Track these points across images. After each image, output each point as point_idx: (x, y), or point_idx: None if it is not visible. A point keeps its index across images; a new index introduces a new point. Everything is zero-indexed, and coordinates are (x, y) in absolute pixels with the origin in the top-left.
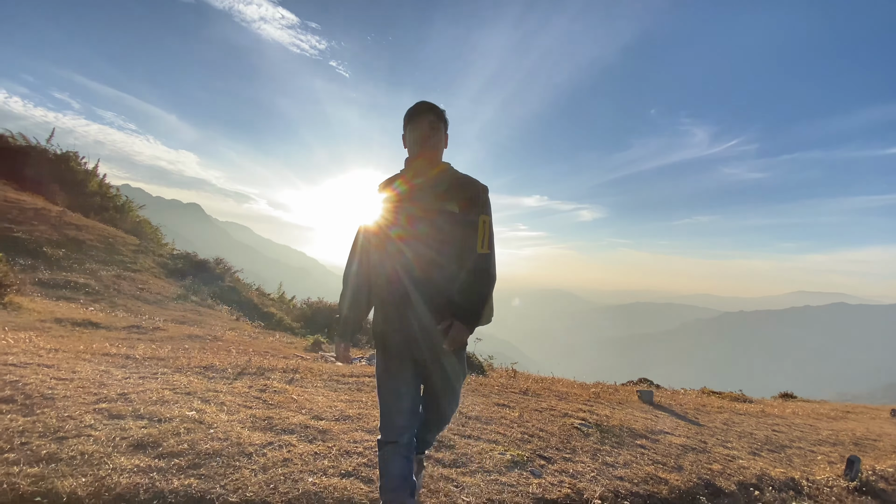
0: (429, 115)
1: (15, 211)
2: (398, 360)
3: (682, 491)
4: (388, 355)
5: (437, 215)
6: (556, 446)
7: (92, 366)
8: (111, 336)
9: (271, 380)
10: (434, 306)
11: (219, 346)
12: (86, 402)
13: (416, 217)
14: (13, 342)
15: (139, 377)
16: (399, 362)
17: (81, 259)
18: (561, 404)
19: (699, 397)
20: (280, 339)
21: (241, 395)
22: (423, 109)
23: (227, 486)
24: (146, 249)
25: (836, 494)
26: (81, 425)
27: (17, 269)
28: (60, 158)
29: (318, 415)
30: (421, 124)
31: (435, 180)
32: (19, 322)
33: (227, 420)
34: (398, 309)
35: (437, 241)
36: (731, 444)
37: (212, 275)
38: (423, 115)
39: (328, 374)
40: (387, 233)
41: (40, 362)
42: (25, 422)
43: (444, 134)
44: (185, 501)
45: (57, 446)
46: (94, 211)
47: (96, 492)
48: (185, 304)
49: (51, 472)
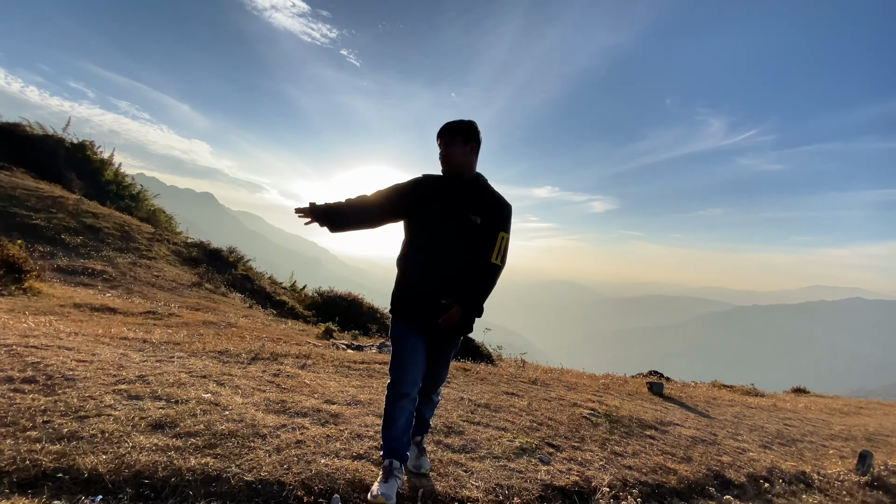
0: (443, 136)
1: (34, 199)
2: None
3: (690, 481)
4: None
5: (462, 221)
6: (564, 435)
7: (110, 349)
8: (128, 321)
9: (284, 365)
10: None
11: (233, 332)
12: (105, 383)
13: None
14: (34, 325)
15: (156, 360)
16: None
17: (98, 246)
18: (570, 394)
19: (710, 390)
20: (292, 327)
21: (255, 379)
22: (440, 131)
23: (242, 466)
24: (161, 238)
25: (847, 489)
26: (101, 405)
27: (36, 256)
28: (77, 147)
29: (329, 399)
30: (439, 144)
31: (463, 190)
32: (39, 307)
33: (241, 402)
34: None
35: (459, 241)
36: (741, 436)
37: (225, 263)
38: (440, 136)
39: (340, 360)
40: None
41: (61, 345)
42: (47, 401)
43: (461, 148)
44: (202, 479)
45: (78, 425)
46: (109, 199)
47: (116, 469)
48: (200, 291)
49: (72, 449)
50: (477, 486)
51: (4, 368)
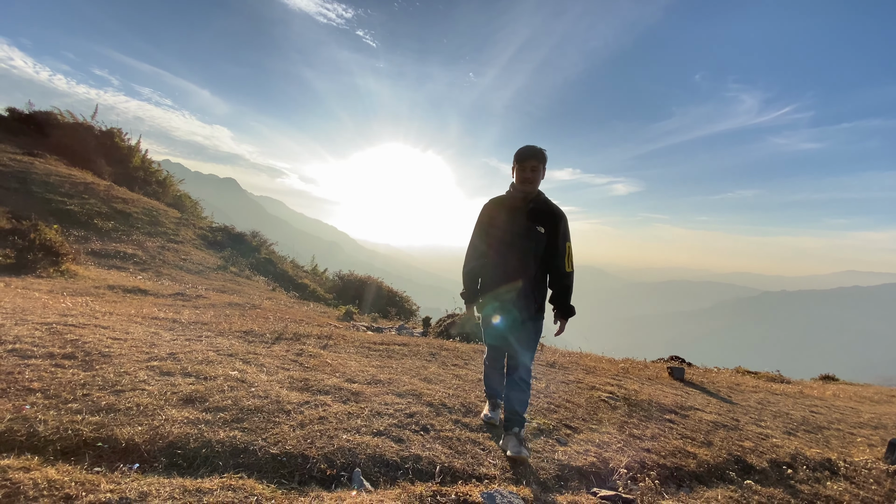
0: (532, 161)
1: (67, 185)
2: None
3: (710, 465)
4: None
5: (529, 232)
6: (582, 417)
7: (143, 328)
8: (159, 302)
9: (307, 345)
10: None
11: (257, 313)
12: (139, 359)
13: (515, 232)
14: (72, 305)
15: (185, 339)
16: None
17: (129, 231)
18: (588, 378)
19: (733, 376)
20: (314, 309)
21: (279, 358)
22: (528, 156)
23: (268, 440)
24: (187, 222)
25: (875, 477)
26: (136, 380)
27: (71, 240)
28: (105, 135)
29: (350, 378)
30: (525, 168)
31: (530, 207)
32: (76, 288)
33: (266, 380)
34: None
35: (527, 250)
36: (764, 422)
37: (248, 247)
38: (528, 160)
39: (360, 341)
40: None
41: (97, 324)
42: (86, 376)
43: (542, 173)
44: (230, 451)
45: (115, 398)
46: (138, 185)
47: (151, 439)
48: (225, 274)
49: (110, 420)
50: (494, 465)
51: (46, 345)
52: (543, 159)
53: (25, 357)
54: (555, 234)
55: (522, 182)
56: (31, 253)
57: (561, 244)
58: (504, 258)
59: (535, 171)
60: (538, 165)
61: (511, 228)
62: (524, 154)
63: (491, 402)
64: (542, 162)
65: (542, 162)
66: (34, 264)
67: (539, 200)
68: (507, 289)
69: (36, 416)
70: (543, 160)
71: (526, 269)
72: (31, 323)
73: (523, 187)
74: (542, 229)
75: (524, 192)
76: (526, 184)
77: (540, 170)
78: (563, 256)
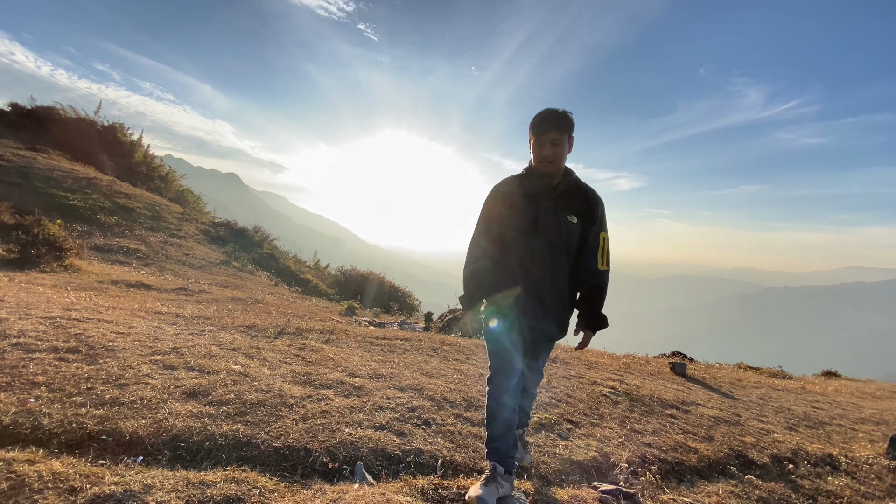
0: (552, 133)
1: (70, 180)
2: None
3: (711, 460)
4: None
5: (558, 225)
6: (583, 412)
7: (146, 322)
8: (162, 297)
9: (309, 339)
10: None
11: (260, 308)
12: (142, 353)
13: (539, 226)
14: (76, 300)
15: (188, 334)
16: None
17: (132, 226)
18: (590, 373)
19: (735, 372)
20: (316, 304)
21: (282, 353)
22: (547, 124)
23: (270, 433)
24: (189, 217)
25: (876, 472)
26: (140, 374)
27: (74, 235)
28: (107, 130)
29: (353, 372)
30: (544, 142)
31: (556, 190)
32: (80, 282)
33: (269, 374)
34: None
35: (557, 248)
36: (766, 418)
37: (251, 242)
38: (548, 132)
39: (362, 336)
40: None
41: (100, 318)
42: (90, 369)
43: (568, 145)
44: (233, 444)
45: (119, 392)
46: (140, 180)
47: (155, 432)
48: (228, 269)
49: (114, 413)
50: None
51: (50, 339)
52: (568, 126)
53: (30, 351)
54: (589, 225)
55: (542, 161)
56: (35, 248)
57: (595, 234)
58: (524, 261)
59: (558, 144)
60: (560, 137)
61: (533, 221)
62: (542, 122)
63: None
64: (567, 130)
65: (565, 131)
66: (38, 259)
67: (569, 182)
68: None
69: (40, 410)
70: (569, 127)
71: (555, 275)
72: (35, 317)
73: (544, 168)
74: (574, 219)
75: (547, 174)
76: (546, 163)
77: (564, 142)
78: (595, 251)
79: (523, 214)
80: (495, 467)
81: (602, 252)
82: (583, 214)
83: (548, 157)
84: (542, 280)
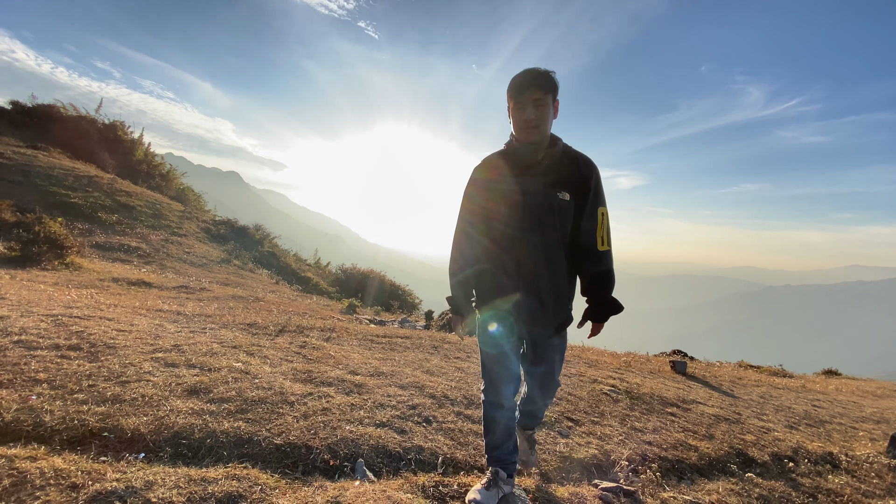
0: (534, 93)
1: (70, 178)
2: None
3: (711, 458)
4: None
5: (549, 203)
6: (584, 410)
7: (147, 320)
8: (163, 294)
9: (310, 337)
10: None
11: (260, 306)
12: (144, 351)
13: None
14: (77, 297)
15: (190, 331)
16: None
17: (133, 224)
18: (590, 371)
19: (736, 370)
20: (317, 302)
21: (283, 350)
22: (528, 84)
23: (272, 430)
24: (190, 215)
25: (877, 471)
26: (141, 371)
27: (75, 233)
28: (108, 128)
29: (353, 370)
30: (523, 105)
31: (542, 163)
32: (81, 280)
33: (270, 371)
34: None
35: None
36: (767, 416)
37: (252, 240)
38: (528, 92)
39: (362, 334)
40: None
41: (102, 315)
42: (91, 367)
43: (553, 108)
44: (234, 441)
45: (120, 389)
46: (141, 178)
47: (156, 429)
48: (228, 267)
49: (116, 410)
50: None
51: (51, 336)
52: (553, 86)
53: (31, 348)
54: (584, 199)
55: (524, 126)
56: (36, 245)
57: (591, 210)
58: (514, 254)
59: (541, 105)
60: (543, 97)
61: (519, 204)
62: (522, 81)
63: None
64: (550, 91)
65: (548, 91)
66: (39, 257)
67: (555, 152)
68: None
69: (42, 407)
70: (553, 87)
71: (551, 265)
72: (36, 315)
73: (527, 136)
74: (566, 196)
75: (531, 143)
76: (529, 129)
77: (548, 103)
78: (594, 230)
79: (507, 198)
80: (497, 472)
81: (602, 230)
82: (576, 188)
83: (530, 120)
84: (537, 274)
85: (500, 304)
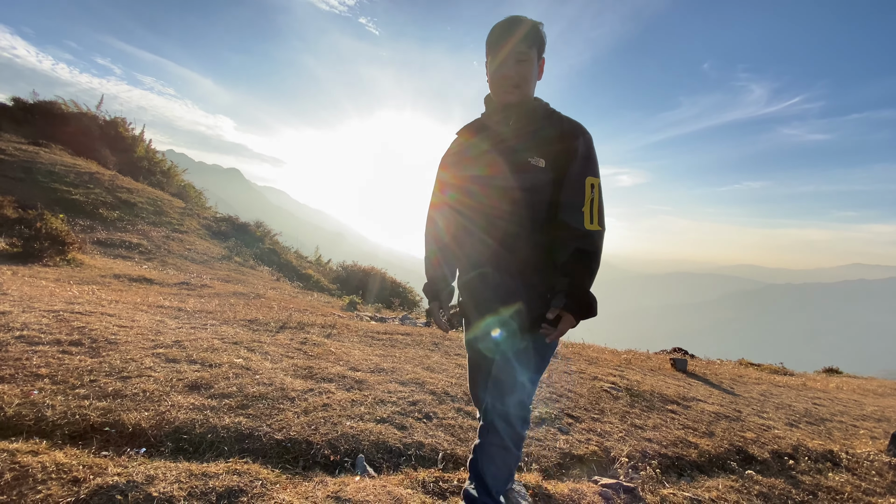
0: (517, 46)
1: (72, 175)
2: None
3: (711, 456)
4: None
5: (520, 169)
6: (584, 407)
7: (148, 316)
8: (164, 291)
9: (311, 334)
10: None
11: (261, 302)
12: (145, 347)
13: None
14: (78, 294)
15: (191, 327)
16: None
17: (134, 220)
18: (591, 368)
19: (736, 368)
20: (318, 299)
21: (284, 347)
22: (507, 35)
23: (272, 426)
24: (191, 212)
25: (877, 469)
26: (142, 367)
27: (77, 229)
28: (109, 124)
29: (354, 366)
30: (504, 59)
31: (519, 125)
32: (82, 277)
33: (271, 367)
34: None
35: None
36: (767, 414)
37: (252, 237)
38: (504, 41)
39: (363, 330)
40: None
41: (103, 311)
42: (93, 362)
43: (535, 64)
44: (235, 437)
45: (121, 384)
46: (142, 175)
47: (158, 424)
48: (229, 263)
49: (117, 406)
50: None
51: (53, 332)
52: (538, 40)
53: (33, 344)
54: (564, 165)
55: (501, 83)
56: (38, 242)
57: (576, 180)
58: (480, 224)
59: (524, 61)
60: (527, 52)
61: (487, 169)
62: (503, 32)
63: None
64: (535, 45)
65: (533, 45)
66: (41, 253)
67: (531, 110)
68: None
69: (44, 402)
70: (537, 41)
71: (518, 241)
72: (38, 310)
73: (504, 96)
74: (541, 162)
75: (509, 106)
76: (508, 87)
77: (532, 59)
78: (579, 204)
79: (478, 166)
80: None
81: (591, 206)
82: (553, 154)
83: (509, 76)
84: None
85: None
